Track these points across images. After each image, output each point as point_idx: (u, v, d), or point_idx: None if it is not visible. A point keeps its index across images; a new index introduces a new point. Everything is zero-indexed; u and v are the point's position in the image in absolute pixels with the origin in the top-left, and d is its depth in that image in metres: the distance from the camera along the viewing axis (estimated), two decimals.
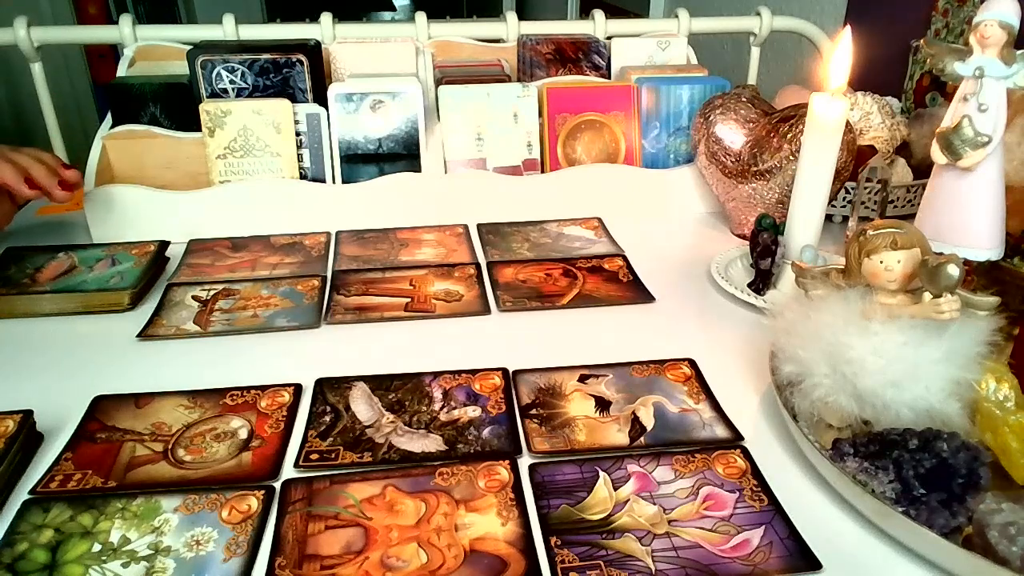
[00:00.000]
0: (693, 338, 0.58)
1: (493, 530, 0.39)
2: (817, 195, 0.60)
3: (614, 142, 0.81)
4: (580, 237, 0.75)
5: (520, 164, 0.80)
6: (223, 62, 0.75)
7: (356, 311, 0.61)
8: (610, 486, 0.42)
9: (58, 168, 0.66)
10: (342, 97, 0.75)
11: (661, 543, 0.38)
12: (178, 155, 0.76)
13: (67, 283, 0.62)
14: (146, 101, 0.77)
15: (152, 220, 0.72)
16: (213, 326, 0.58)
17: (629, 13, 2.04)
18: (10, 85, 2.34)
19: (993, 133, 0.52)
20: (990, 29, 0.51)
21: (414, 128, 0.77)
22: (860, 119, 0.79)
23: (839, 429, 0.45)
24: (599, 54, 0.88)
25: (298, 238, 0.73)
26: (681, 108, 0.81)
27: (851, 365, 0.41)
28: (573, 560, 0.37)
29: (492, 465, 0.44)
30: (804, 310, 0.45)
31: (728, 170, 0.72)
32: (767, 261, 0.62)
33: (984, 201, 0.54)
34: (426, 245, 0.73)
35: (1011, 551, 0.34)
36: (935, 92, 0.95)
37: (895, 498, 0.38)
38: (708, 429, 0.47)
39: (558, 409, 0.49)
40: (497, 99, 0.78)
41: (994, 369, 0.41)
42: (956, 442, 0.38)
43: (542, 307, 0.62)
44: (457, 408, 0.49)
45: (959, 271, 0.39)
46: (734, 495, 0.42)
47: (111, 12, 2.81)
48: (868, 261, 0.42)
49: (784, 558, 0.37)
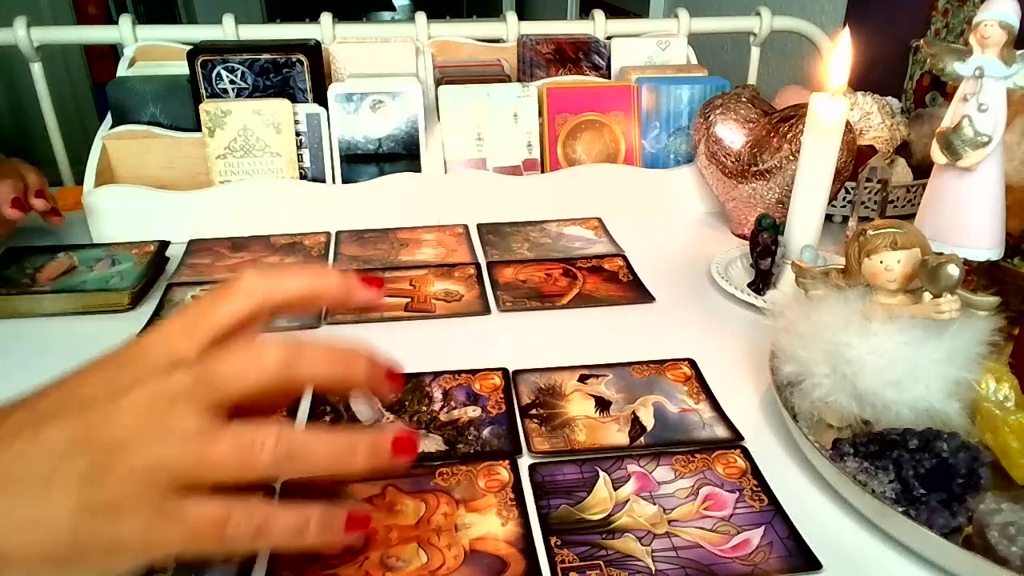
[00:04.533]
0: (693, 338, 0.58)
1: (493, 530, 0.39)
2: (817, 195, 0.60)
3: (614, 142, 0.81)
4: (580, 237, 0.75)
5: (520, 164, 0.80)
6: (223, 62, 0.75)
7: (356, 311, 0.61)
8: (610, 486, 0.42)
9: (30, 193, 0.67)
10: (342, 97, 0.75)
11: (661, 543, 0.38)
12: (178, 155, 0.76)
13: (67, 283, 0.62)
14: (146, 101, 0.77)
15: (152, 220, 0.72)
16: None
17: (629, 13, 2.04)
18: (10, 85, 2.35)
19: (993, 133, 0.52)
20: (990, 29, 0.51)
21: (414, 128, 0.77)
22: (860, 119, 0.79)
23: (839, 429, 0.45)
24: (599, 54, 0.88)
25: (298, 238, 0.73)
26: (681, 108, 0.81)
27: (851, 365, 0.41)
28: (573, 560, 0.37)
29: (492, 465, 0.44)
30: (804, 310, 0.45)
31: (728, 170, 0.72)
32: (767, 261, 0.62)
33: (984, 201, 0.54)
34: (426, 245, 0.73)
35: (1011, 551, 0.34)
36: (935, 92, 0.95)
37: (895, 498, 0.38)
38: (708, 429, 0.47)
39: (558, 409, 0.49)
40: (497, 99, 0.78)
41: (994, 369, 0.41)
42: (956, 442, 0.38)
43: (542, 307, 0.62)
44: (457, 408, 0.49)
45: (959, 271, 0.39)
46: (734, 495, 0.42)
47: (111, 12, 2.81)
48: (868, 261, 0.42)
49: (784, 558, 0.37)
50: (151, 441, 0.29)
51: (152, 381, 0.30)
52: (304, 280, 0.34)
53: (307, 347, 0.32)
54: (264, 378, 0.30)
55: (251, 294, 0.33)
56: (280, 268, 0.34)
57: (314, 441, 0.30)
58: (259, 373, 0.31)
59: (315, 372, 0.32)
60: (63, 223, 0.70)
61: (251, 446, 0.29)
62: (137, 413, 0.29)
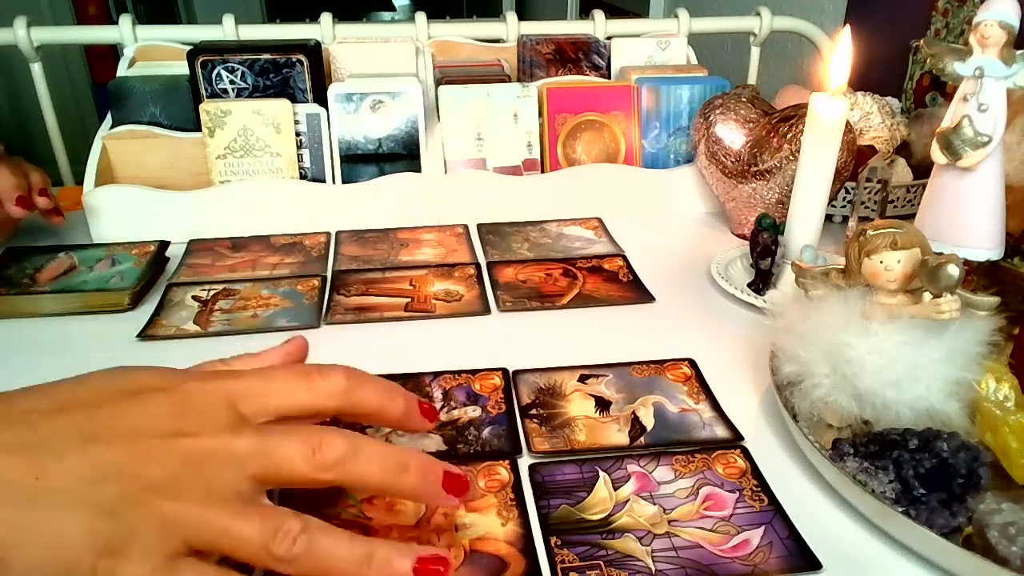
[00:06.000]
0: (693, 338, 0.58)
1: (493, 530, 0.39)
2: (817, 195, 0.60)
3: (614, 142, 0.81)
4: (580, 237, 0.75)
5: (520, 164, 0.80)
6: (223, 62, 0.75)
7: (356, 311, 0.61)
8: (610, 486, 0.42)
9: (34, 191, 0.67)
10: (342, 97, 0.75)
11: (661, 543, 0.38)
12: (178, 155, 0.76)
13: (67, 283, 0.62)
14: (146, 101, 0.77)
15: (152, 220, 0.72)
16: (213, 326, 0.58)
17: (629, 13, 2.04)
18: (10, 85, 2.35)
19: (993, 133, 0.52)
20: (990, 29, 0.51)
21: (414, 128, 0.77)
22: (860, 119, 0.79)
23: (839, 429, 0.45)
24: (599, 54, 0.88)
25: (298, 238, 0.73)
26: (681, 108, 0.81)
27: (851, 365, 0.41)
28: (573, 560, 0.37)
29: (492, 465, 0.44)
30: (804, 310, 0.45)
31: (728, 170, 0.72)
32: (767, 261, 0.62)
33: (984, 201, 0.54)
34: (426, 245, 0.73)
35: (1011, 551, 0.34)
36: (935, 92, 0.95)
37: (895, 498, 0.38)
38: (708, 429, 0.47)
39: (558, 409, 0.49)
40: (497, 99, 0.78)
41: (994, 369, 0.41)
42: (956, 442, 0.38)
43: (542, 307, 0.62)
44: (457, 408, 0.49)
45: (959, 271, 0.39)
46: (734, 495, 0.42)
47: (111, 12, 2.81)
48: (868, 261, 0.42)
49: (784, 558, 0.37)
50: (190, 493, 0.28)
51: (216, 436, 0.30)
52: (379, 398, 0.35)
53: (366, 450, 0.32)
54: (315, 476, 0.30)
55: (332, 396, 0.33)
56: (361, 377, 0.35)
57: (336, 546, 0.29)
58: (313, 469, 0.30)
59: (366, 475, 0.32)
60: (64, 222, 0.70)
61: (274, 532, 0.29)
62: (189, 461, 0.29)
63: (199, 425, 0.30)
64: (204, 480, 0.29)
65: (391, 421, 0.36)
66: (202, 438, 0.29)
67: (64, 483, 0.27)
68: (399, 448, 0.33)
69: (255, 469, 0.30)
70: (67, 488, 0.27)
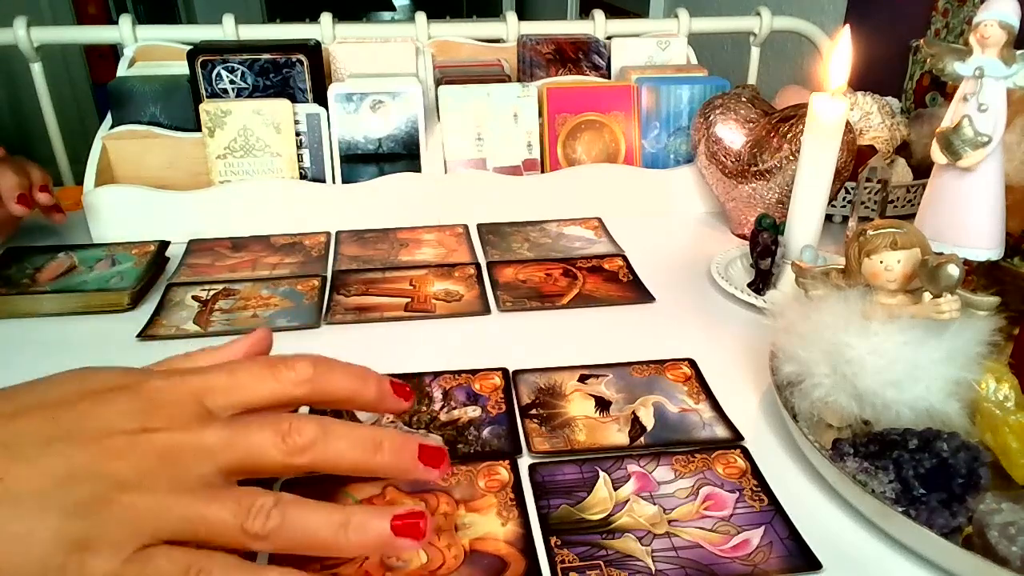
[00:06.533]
0: (693, 338, 0.58)
1: (493, 530, 0.39)
2: (817, 195, 0.60)
3: (614, 142, 0.81)
4: (580, 237, 0.75)
5: (520, 164, 0.80)
6: (223, 62, 0.75)
7: (356, 311, 0.61)
8: (610, 486, 0.42)
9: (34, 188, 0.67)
10: (342, 97, 0.75)
11: (661, 543, 0.38)
12: (178, 155, 0.76)
13: (67, 283, 0.62)
14: (146, 101, 0.77)
15: (152, 220, 0.72)
16: (213, 326, 0.58)
17: (629, 13, 2.04)
18: (10, 85, 2.34)
19: (993, 133, 0.52)
20: (990, 29, 0.51)
21: (414, 128, 0.77)
22: (860, 119, 0.79)
23: (839, 429, 0.45)
24: (599, 54, 0.88)
25: (298, 238, 0.74)
26: (681, 108, 0.81)
27: (851, 365, 0.41)
28: (573, 560, 0.37)
29: (492, 465, 0.44)
30: (804, 310, 0.45)
31: (728, 170, 0.72)
32: (767, 261, 0.62)
33: (984, 201, 0.54)
34: (426, 245, 0.73)
35: (1011, 551, 0.34)
36: (935, 92, 0.95)
37: (895, 498, 0.38)
38: (708, 429, 0.47)
39: (558, 409, 0.49)
40: (497, 99, 0.78)
41: (994, 369, 0.41)
42: (956, 442, 0.38)
43: (542, 307, 0.62)
44: (457, 408, 0.49)
45: (959, 271, 0.39)
46: (734, 495, 0.42)
47: (111, 12, 2.81)
48: (868, 261, 0.42)
49: (784, 558, 0.37)
50: (161, 486, 0.28)
51: (184, 431, 0.30)
52: (349, 383, 0.35)
53: (337, 431, 0.32)
54: (288, 462, 0.31)
55: (299, 385, 0.33)
56: (330, 363, 0.35)
57: (311, 516, 0.30)
58: (285, 455, 0.30)
59: (339, 456, 0.32)
60: (65, 220, 0.70)
61: (248, 510, 0.29)
62: (159, 456, 0.29)
63: (166, 421, 0.30)
64: (174, 473, 0.29)
65: (366, 404, 0.36)
66: (170, 432, 0.29)
67: (30, 485, 0.27)
68: (372, 427, 0.33)
69: (226, 461, 0.30)
70: (34, 490, 0.27)
